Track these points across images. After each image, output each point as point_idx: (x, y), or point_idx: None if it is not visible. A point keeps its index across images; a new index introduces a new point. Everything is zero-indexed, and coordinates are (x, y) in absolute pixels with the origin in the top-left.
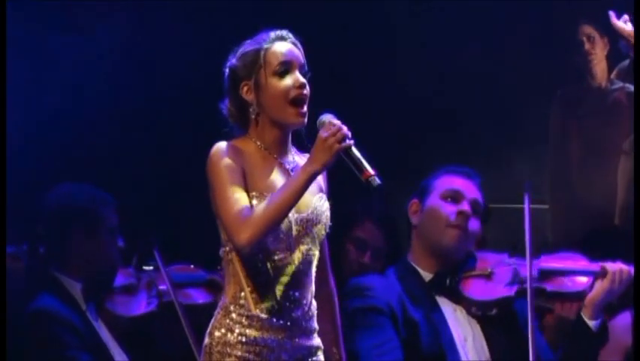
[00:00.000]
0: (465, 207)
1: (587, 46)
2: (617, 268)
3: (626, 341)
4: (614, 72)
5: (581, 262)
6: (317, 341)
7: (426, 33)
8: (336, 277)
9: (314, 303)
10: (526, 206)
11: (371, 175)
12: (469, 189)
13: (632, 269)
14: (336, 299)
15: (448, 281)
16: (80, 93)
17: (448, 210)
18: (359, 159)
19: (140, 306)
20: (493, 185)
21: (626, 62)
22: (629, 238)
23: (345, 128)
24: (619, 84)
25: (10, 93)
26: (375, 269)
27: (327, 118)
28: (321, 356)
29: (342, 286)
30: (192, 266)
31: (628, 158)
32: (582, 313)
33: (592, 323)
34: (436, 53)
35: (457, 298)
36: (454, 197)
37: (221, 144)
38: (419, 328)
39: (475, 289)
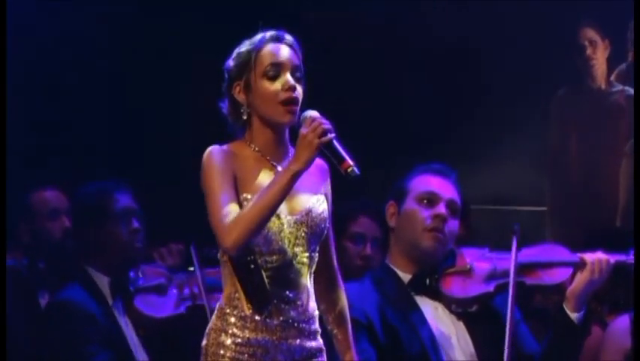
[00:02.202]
0: (441, 210)
1: (589, 51)
2: (596, 258)
3: (625, 343)
4: (614, 74)
5: (561, 254)
6: (317, 342)
7: (427, 33)
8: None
9: (312, 304)
10: (513, 249)
11: (350, 166)
12: (444, 189)
13: (612, 258)
14: (345, 301)
15: (427, 281)
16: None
17: (424, 214)
18: (339, 151)
19: (169, 307)
20: (492, 186)
21: (625, 65)
22: (630, 240)
23: (325, 123)
24: (618, 87)
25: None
26: (376, 259)
27: (308, 114)
28: (322, 357)
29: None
30: None
31: (629, 160)
32: (564, 306)
33: (574, 316)
34: (437, 53)
35: (437, 296)
36: (430, 199)
37: (213, 148)
38: (399, 333)
39: (455, 287)
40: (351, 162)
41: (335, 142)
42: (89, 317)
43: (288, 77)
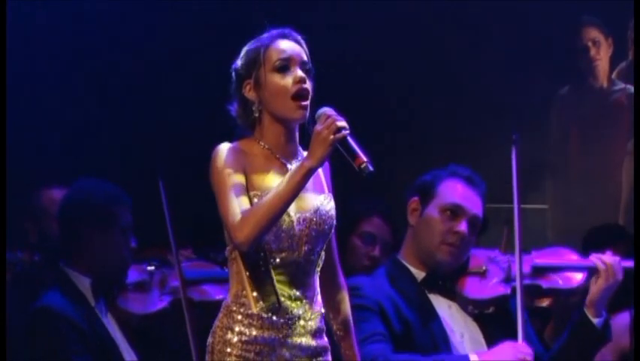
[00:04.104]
0: (462, 227)
1: (592, 52)
2: (607, 264)
3: (623, 341)
4: (615, 72)
5: (574, 258)
6: (323, 340)
7: (428, 31)
8: (345, 273)
9: (319, 302)
10: (513, 160)
11: (363, 162)
12: (471, 202)
13: (621, 260)
14: (347, 297)
15: (441, 281)
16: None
17: (445, 226)
18: (353, 148)
19: (153, 303)
20: (492, 185)
21: (625, 63)
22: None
23: (338, 120)
24: (620, 85)
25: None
26: (381, 258)
27: (323, 110)
28: (327, 356)
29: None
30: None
31: (632, 158)
32: (586, 312)
33: (596, 321)
34: (437, 51)
35: (451, 295)
36: (455, 212)
37: (222, 146)
38: (412, 327)
39: (471, 288)
40: (364, 159)
41: (349, 139)
42: (70, 323)
43: (298, 70)
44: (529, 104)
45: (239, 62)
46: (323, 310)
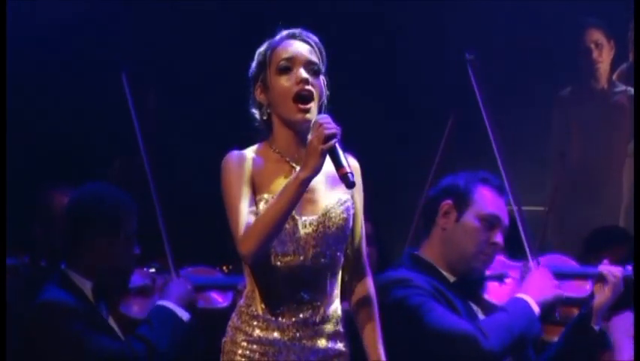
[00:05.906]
0: (499, 238)
1: (595, 54)
2: (616, 277)
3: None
4: (616, 74)
5: (575, 265)
6: (336, 345)
7: (429, 31)
8: None
9: (333, 306)
10: (473, 82)
11: (346, 172)
12: (505, 214)
13: (624, 269)
14: (374, 300)
15: (471, 287)
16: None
17: (484, 237)
18: (338, 157)
19: None
20: None
21: (626, 65)
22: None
23: (328, 128)
24: (621, 87)
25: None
26: (372, 254)
27: (317, 118)
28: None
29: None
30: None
31: (632, 160)
32: (590, 319)
33: (596, 328)
34: (436, 52)
35: (478, 300)
36: (492, 222)
37: (231, 155)
38: (461, 314)
39: (494, 294)
40: (347, 170)
41: (337, 147)
42: (75, 313)
43: (301, 70)
44: (529, 105)
45: (252, 65)
46: (339, 313)
